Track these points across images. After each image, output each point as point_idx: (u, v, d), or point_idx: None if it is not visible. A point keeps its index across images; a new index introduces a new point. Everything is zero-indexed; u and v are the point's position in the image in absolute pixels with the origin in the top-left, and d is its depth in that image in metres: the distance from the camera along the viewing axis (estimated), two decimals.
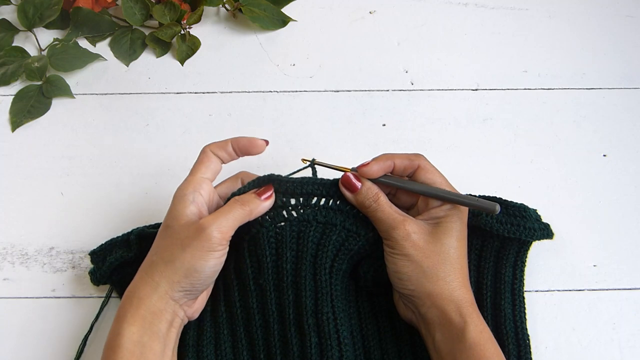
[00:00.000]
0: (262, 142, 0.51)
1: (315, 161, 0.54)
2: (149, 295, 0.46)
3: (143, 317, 0.46)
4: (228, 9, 0.74)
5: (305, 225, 0.51)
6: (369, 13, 0.75)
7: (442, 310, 0.47)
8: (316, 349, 0.48)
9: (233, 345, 0.52)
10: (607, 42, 0.72)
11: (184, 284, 0.46)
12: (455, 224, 0.49)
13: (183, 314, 0.48)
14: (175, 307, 0.47)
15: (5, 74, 0.70)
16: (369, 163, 0.51)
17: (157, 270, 0.47)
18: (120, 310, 0.47)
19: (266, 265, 0.50)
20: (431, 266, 0.48)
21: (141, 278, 0.47)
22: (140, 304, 0.46)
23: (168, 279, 0.46)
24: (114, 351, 0.45)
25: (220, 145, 0.51)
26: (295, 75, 0.70)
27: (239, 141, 0.51)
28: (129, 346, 0.45)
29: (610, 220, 0.61)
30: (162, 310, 0.46)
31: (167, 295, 0.46)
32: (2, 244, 0.60)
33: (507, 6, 0.75)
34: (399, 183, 0.51)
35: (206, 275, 0.47)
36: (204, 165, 0.50)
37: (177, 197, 0.49)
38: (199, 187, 0.49)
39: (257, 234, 0.50)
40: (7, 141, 0.66)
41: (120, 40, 0.72)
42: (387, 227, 0.49)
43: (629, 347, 0.55)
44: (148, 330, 0.46)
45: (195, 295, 0.49)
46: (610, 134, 0.66)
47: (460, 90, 0.69)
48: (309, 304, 0.49)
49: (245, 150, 0.51)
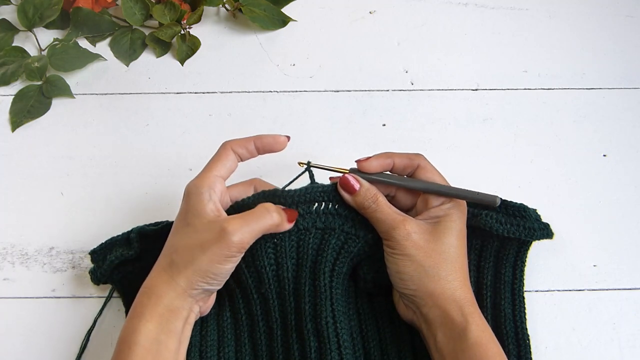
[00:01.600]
0: (285, 139, 0.51)
1: (310, 164, 0.53)
2: (168, 293, 0.46)
3: (161, 315, 0.46)
4: (228, 9, 0.74)
5: (304, 234, 0.51)
6: (369, 13, 0.75)
7: (444, 309, 0.47)
8: (316, 353, 0.49)
9: (236, 350, 0.52)
10: (607, 42, 0.72)
11: (201, 284, 0.46)
12: (455, 223, 0.49)
13: (198, 309, 0.49)
14: (192, 303, 0.47)
15: (5, 74, 0.70)
16: (368, 158, 0.51)
17: (176, 269, 0.46)
18: (137, 307, 0.46)
19: (267, 276, 0.50)
20: (433, 265, 0.48)
21: (159, 276, 0.47)
22: (159, 301, 0.46)
23: (187, 278, 0.46)
24: (129, 347, 0.45)
25: (242, 143, 0.50)
26: (295, 75, 0.70)
27: (262, 139, 0.50)
28: (145, 343, 0.45)
29: (610, 220, 0.61)
30: (180, 308, 0.46)
31: (185, 293, 0.46)
32: (2, 244, 0.60)
33: (507, 6, 0.75)
34: (398, 181, 0.51)
35: (223, 277, 0.47)
36: (221, 163, 0.50)
37: (193, 194, 0.48)
38: (214, 186, 0.48)
39: (255, 246, 0.50)
40: (7, 141, 0.66)
41: (120, 40, 0.72)
42: (387, 228, 0.49)
43: (629, 347, 0.55)
44: (165, 328, 0.46)
45: (212, 292, 0.49)
46: (610, 134, 0.66)
47: (460, 90, 0.69)
48: (308, 309, 0.49)
49: (269, 148, 0.51)
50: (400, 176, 0.52)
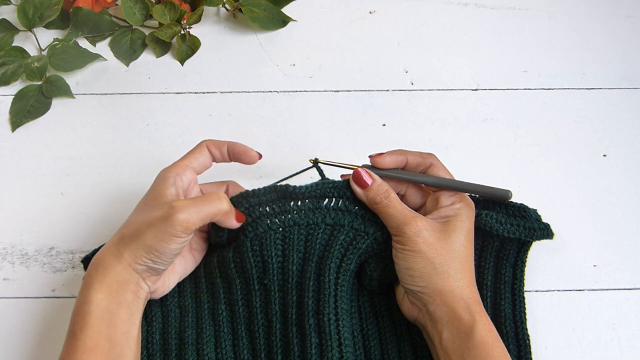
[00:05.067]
0: (256, 154, 0.52)
1: (318, 160, 0.54)
2: (114, 264, 0.47)
3: (109, 285, 0.46)
4: (228, 9, 0.74)
5: (313, 229, 0.51)
6: (369, 13, 0.75)
7: (451, 307, 0.47)
8: (316, 350, 0.48)
9: (234, 344, 0.52)
10: (607, 42, 0.72)
11: (145, 260, 0.47)
12: (464, 222, 0.50)
13: (147, 288, 0.49)
14: (139, 279, 0.48)
15: (5, 74, 0.69)
16: (382, 154, 0.52)
17: (123, 243, 0.47)
18: (87, 278, 0.47)
19: (272, 267, 0.50)
20: (442, 263, 0.48)
21: (108, 249, 0.48)
22: (106, 272, 0.47)
23: (131, 252, 0.47)
24: (83, 318, 0.45)
25: (217, 144, 0.52)
26: (295, 75, 0.70)
27: (235, 146, 0.52)
28: (98, 312, 0.45)
29: (610, 220, 0.61)
30: (127, 281, 0.47)
31: (130, 267, 0.47)
32: (2, 244, 0.60)
33: (507, 6, 0.75)
34: (411, 177, 0.52)
35: (166, 256, 0.47)
36: (194, 156, 0.52)
37: (159, 178, 0.50)
38: (182, 173, 0.50)
39: (264, 235, 0.50)
40: (7, 141, 0.66)
41: (120, 40, 0.72)
42: (398, 223, 0.49)
43: (629, 347, 0.55)
44: (115, 299, 0.46)
45: (158, 273, 0.49)
46: (610, 134, 0.66)
47: (460, 90, 0.69)
48: (311, 304, 0.49)
49: (237, 157, 0.52)
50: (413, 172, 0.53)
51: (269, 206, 0.51)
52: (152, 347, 0.51)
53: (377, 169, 0.52)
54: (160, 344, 0.52)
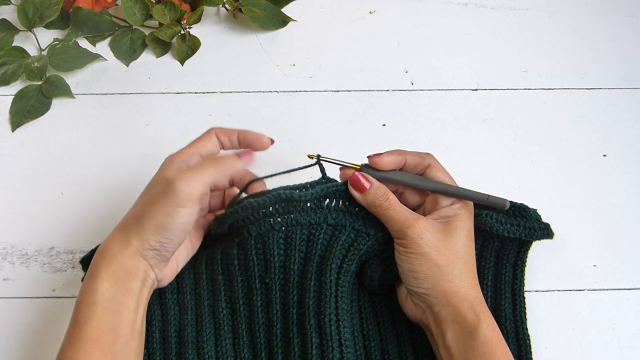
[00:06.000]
0: (268, 140, 0.51)
1: (320, 157, 0.54)
2: (121, 252, 0.46)
3: (116, 274, 0.45)
4: (228, 9, 0.74)
5: (315, 228, 0.51)
6: (369, 13, 0.75)
7: (456, 308, 0.47)
8: (317, 350, 0.48)
9: (234, 342, 0.52)
10: (607, 42, 0.72)
11: (153, 242, 0.46)
12: (465, 222, 0.50)
13: (154, 275, 0.48)
14: (147, 266, 0.47)
15: (5, 74, 0.69)
16: (380, 154, 0.51)
17: (129, 227, 0.46)
18: (93, 266, 0.46)
19: (273, 265, 0.50)
20: (447, 264, 0.48)
21: (114, 235, 0.47)
22: (113, 260, 0.46)
23: (138, 236, 0.46)
24: (88, 307, 0.44)
25: (226, 132, 0.51)
26: (295, 75, 0.70)
27: (246, 134, 0.51)
28: (103, 302, 0.44)
29: (610, 220, 0.61)
30: (135, 269, 0.46)
31: (138, 253, 0.46)
32: (2, 244, 0.60)
33: (507, 6, 0.75)
34: (409, 180, 0.52)
35: (174, 233, 0.46)
36: (201, 143, 0.50)
37: (165, 164, 0.49)
38: (188, 159, 0.49)
39: (267, 234, 0.51)
40: (7, 141, 0.66)
41: (120, 40, 0.72)
42: (400, 226, 0.49)
43: (629, 347, 0.55)
44: (121, 288, 0.45)
45: (166, 257, 0.48)
46: (610, 134, 0.66)
47: (460, 90, 0.69)
48: (312, 304, 0.49)
49: (250, 144, 0.51)
50: (411, 174, 0.52)
51: (273, 207, 0.51)
52: (152, 345, 0.52)
53: (375, 171, 0.52)
54: (160, 343, 0.52)
